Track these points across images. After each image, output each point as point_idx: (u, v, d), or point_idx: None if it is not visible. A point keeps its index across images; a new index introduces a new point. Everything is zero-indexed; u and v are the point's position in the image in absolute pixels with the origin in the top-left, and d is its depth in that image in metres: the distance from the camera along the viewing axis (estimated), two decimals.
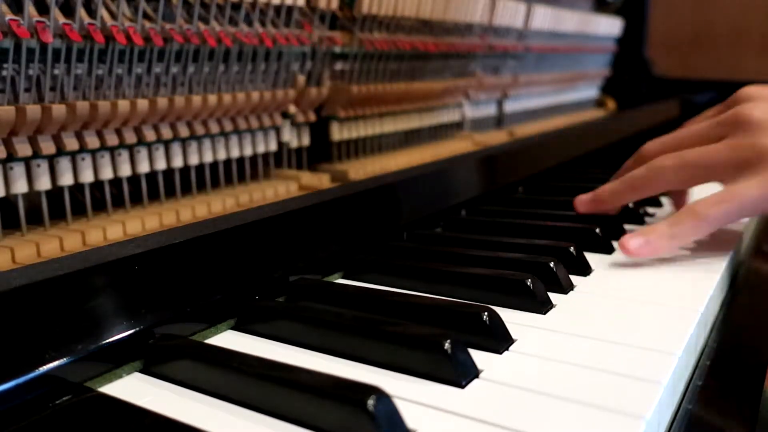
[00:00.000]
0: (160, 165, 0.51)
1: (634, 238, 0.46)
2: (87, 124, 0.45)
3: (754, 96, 0.51)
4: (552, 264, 0.44)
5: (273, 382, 0.29)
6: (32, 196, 0.44)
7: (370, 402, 0.26)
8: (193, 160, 0.54)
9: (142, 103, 0.47)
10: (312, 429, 0.28)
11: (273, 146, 0.61)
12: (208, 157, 0.55)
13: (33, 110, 0.41)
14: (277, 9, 0.56)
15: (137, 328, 0.34)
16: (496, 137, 0.92)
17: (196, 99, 0.51)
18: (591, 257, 0.50)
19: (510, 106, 1.03)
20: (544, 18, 1.03)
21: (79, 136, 0.45)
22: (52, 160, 0.44)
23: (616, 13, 1.45)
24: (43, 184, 0.44)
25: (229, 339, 0.38)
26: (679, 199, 0.61)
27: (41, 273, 0.32)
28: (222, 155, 0.56)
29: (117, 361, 0.33)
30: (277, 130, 0.61)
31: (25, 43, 0.41)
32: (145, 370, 0.34)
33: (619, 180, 0.54)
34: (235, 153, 0.57)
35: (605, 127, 1.17)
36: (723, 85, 1.53)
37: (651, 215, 0.65)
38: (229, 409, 0.30)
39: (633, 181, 0.52)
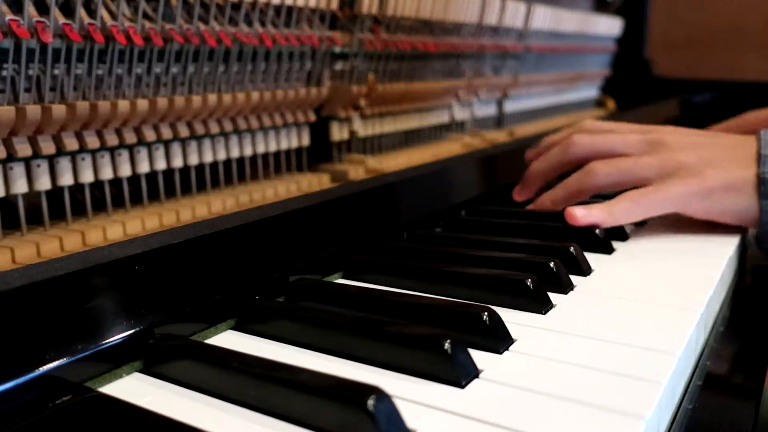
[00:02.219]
0: (160, 165, 0.51)
1: (580, 209, 0.55)
2: (87, 124, 0.45)
3: (669, 130, 0.61)
4: (552, 264, 0.44)
5: (273, 382, 0.29)
6: (32, 196, 0.44)
7: (370, 402, 0.26)
8: (193, 160, 0.54)
9: (142, 103, 0.47)
10: (312, 429, 0.28)
11: (273, 146, 0.61)
12: (208, 157, 0.55)
13: (33, 110, 0.41)
14: (277, 9, 0.56)
15: (137, 328, 0.34)
16: (496, 137, 0.92)
17: (196, 99, 0.51)
18: (591, 257, 0.50)
19: (510, 106, 1.03)
20: (544, 18, 1.03)
21: (79, 136, 0.45)
22: (52, 160, 0.44)
23: (616, 14, 1.45)
24: (43, 184, 0.44)
25: (229, 339, 0.38)
26: None
27: (41, 273, 0.32)
28: (222, 155, 0.56)
29: (117, 361, 0.33)
30: (281, 129, 0.61)
31: (25, 43, 0.41)
32: (145, 370, 0.34)
33: (559, 187, 0.61)
34: (235, 153, 0.57)
35: None
36: (723, 85, 1.53)
37: None
38: (229, 409, 0.30)
39: (570, 187, 0.60)
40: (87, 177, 0.46)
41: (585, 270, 0.48)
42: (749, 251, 0.60)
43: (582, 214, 0.55)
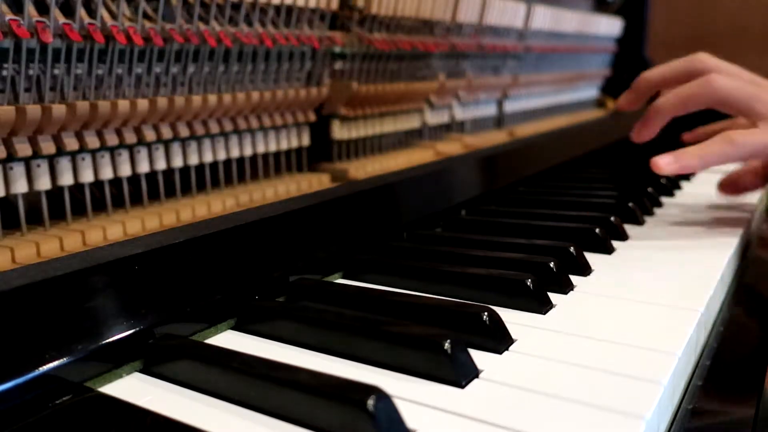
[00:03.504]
0: (160, 165, 0.51)
1: (664, 157, 0.53)
2: (87, 124, 0.45)
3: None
4: (552, 264, 0.44)
5: (273, 382, 0.29)
6: (32, 196, 0.44)
7: (370, 402, 0.26)
8: (193, 160, 0.54)
9: (142, 103, 0.47)
10: (312, 429, 0.28)
11: (273, 146, 0.61)
12: (208, 157, 0.55)
13: (33, 110, 0.41)
14: (277, 9, 0.56)
15: (137, 328, 0.34)
16: (496, 137, 0.92)
17: (196, 99, 0.50)
18: (591, 257, 0.50)
19: (510, 106, 1.03)
20: (544, 18, 1.03)
21: (79, 136, 0.45)
22: (52, 160, 0.44)
23: (616, 13, 1.45)
24: (43, 184, 0.44)
25: (229, 339, 0.38)
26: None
27: (41, 273, 0.32)
28: (222, 155, 0.56)
29: (117, 361, 0.33)
30: (280, 129, 0.61)
31: (25, 43, 0.41)
32: (145, 370, 0.34)
33: (671, 93, 0.60)
34: (235, 153, 0.57)
35: (605, 127, 1.18)
36: None
37: (652, 214, 0.66)
38: (229, 409, 0.30)
39: (682, 92, 0.58)
40: (87, 177, 0.46)
41: (585, 270, 0.48)
42: (750, 250, 0.60)
43: (668, 161, 0.53)
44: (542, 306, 0.40)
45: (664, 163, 0.53)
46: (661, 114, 0.61)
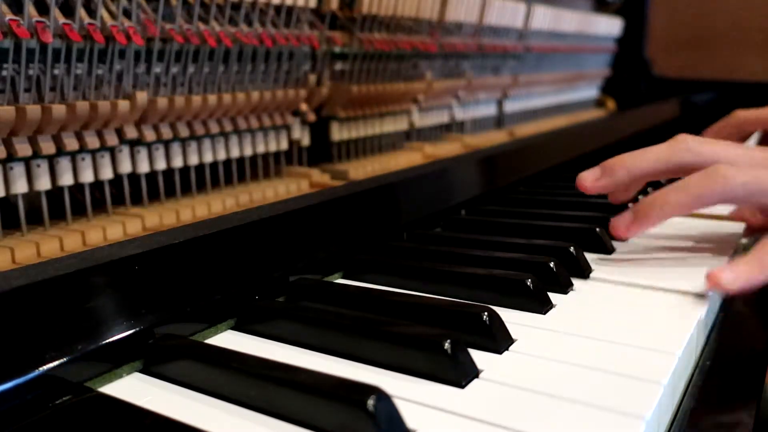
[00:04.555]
0: (160, 165, 0.51)
1: (726, 272, 0.42)
2: (87, 124, 0.45)
3: None
4: (552, 264, 0.44)
5: (273, 382, 0.29)
6: (32, 196, 0.44)
7: (370, 402, 0.26)
8: (193, 160, 0.54)
9: (142, 103, 0.47)
10: (312, 429, 0.28)
11: (273, 146, 0.61)
12: (208, 157, 0.55)
13: (33, 110, 0.41)
14: (277, 9, 0.56)
15: (137, 328, 0.34)
16: (496, 137, 0.92)
17: (196, 99, 0.51)
18: (591, 257, 0.50)
19: (510, 106, 1.03)
20: (544, 18, 1.03)
21: (79, 136, 0.45)
22: (52, 160, 0.44)
23: (616, 13, 1.45)
24: (43, 184, 0.44)
25: (229, 339, 0.38)
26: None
27: (41, 273, 0.32)
28: (222, 155, 0.56)
29: (117, 361, 0.33)
30: (280, 129, 0.61)
31: (25, 43, 0.41)
32: (145, 370, 0.34)
33: (671, 189, 0.48)
34: (235, 153, 0.57)
35: (605, 127, 1.18)
36: (723, 85, 1.53)
37: None
38: (229, 409, 0.30)
39: (688, 190, 0.47)
40: (87, 177, 0.46)
41: (585, 270, 0.48)
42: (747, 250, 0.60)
43: (729, 280, 0.42)
44: (542, 306, 0.40)
45: (728, 281, 0.42)
46: (663, 212, 0.48)
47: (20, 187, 0.43)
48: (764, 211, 0.52)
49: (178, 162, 0.53)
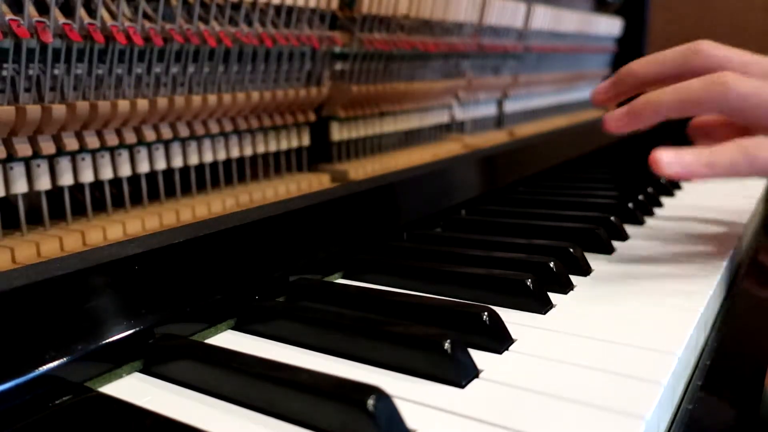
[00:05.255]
0: (160, 165, 0.51)
1: (667, 153, 0.41)
2: (87, 124, 0.45)
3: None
4: (552, 264, 0.44)
5: (273, 382, 0.29)
6: (32, 196, 0.44)
7: (370, 402, 0.26)
8: (193, 160, 0.54)
9: (142, 103, 0.47)
10: (312, 429, 0.28)
11: (273, 146, 0.61)
12: (208, 157, 0.55)
13: (33, 110, 0.41)
14: (277, 9, 0.56)
15: (137, 328, 0.34)
16: (496, 137, 0.92)
17: (196, 99, 0.51)
18: (591, 257, 0.50)
19: (510, 106, 1.03)
20: (544, 18, 1.03)
21: (79, 136, 0.45)
22: (52, 160, 0.44)
23: (616, 13, 1.45)
24: (43, 184, 0.44)
25: (229, 339, 0.38)
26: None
27: (41, 273, 0.32)
28: (222, 155, 0.56)
29: (117, 361, 0.33)
30: (280, 129, 0.61)
31: (25, 43, 0.41)
32: (145, 370, 0.34)
33: (671, 89, 0.46)
34: (235, 153, 0.57)
35: None
36: None
37: (652, 214, 0.66)
38: (229, 409, 0.30)
39: (686, 93, 0.45)
40: (87, 177, 0.46)
41: (585, 270, 0.48)
42: (746, 250, 0.60)
43: (669, 161, 0.41)
44: (542, 306, 0.40)
45: (665, 163, 0.42)
46: (656, 111, 0.47)
47: (20, 187, 0.43)
48: (751, 125, 0.46)
49: (178, 162, 0.53)
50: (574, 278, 0.46)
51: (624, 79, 0.52)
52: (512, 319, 0.38)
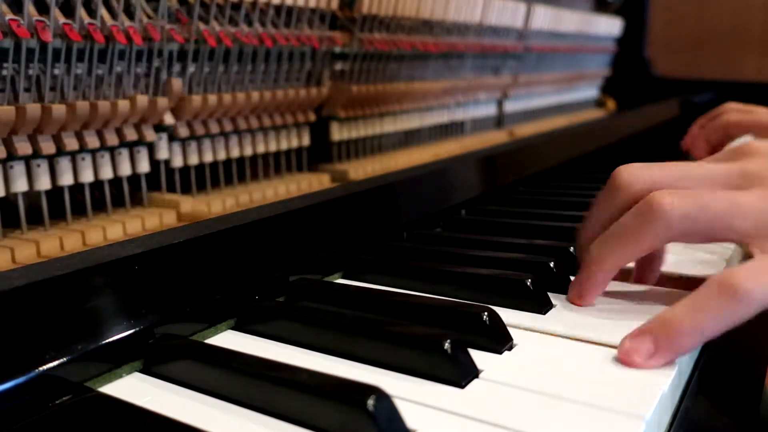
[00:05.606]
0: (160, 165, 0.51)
1: (629, 340, 0.33)
2: (87, 124, 0.45)
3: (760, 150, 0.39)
4: (552, 264, 0.44)
5: (273, 382, 0.29)
6: (32, 196, 0.44)
7: (370, 402, 0.26)
8: (193, 160, 0.54)
9: (142, 103, 0.47)
10: (312, 429, 0.28)
11: (273, 146, 0.61)
12: (209, 157, 0.55)
13: (33, 110, 0.41)
14: (277, 9, 0.56)
15: (137, 328, 0.34)
16: (496, 137, 0.92)
17: (196, 99, 0.51)
18: None
19: (510, 106, 1.03)
20: (544, 18, 1.03)
21: (79, 136, 0.45)
22: (52, 159, 0.44)
23: (616, 13, 1.45)
24: (43, 183, 0.44)
25: (229, 339, 0.38)
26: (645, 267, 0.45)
27: (41, 273, 0.32)
28: (222, 155, 0.56)
29: (117, 361, 0.33)
30: (281, 129, 0.61)
31: (25, 43, 0.41)
32: (145, 370, 0.34)
33: (604, 237, 0.40)
34: (235, 153, 0.57)
35: (605, 127, 1.18)
36: (723, 85, 1.53)
37: None
38: (229, 409, 0.30)
39: (622, 235, 0.38)
40: (87, 177, 0.46)
41: None
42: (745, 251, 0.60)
43: (631, 349, 0.33)
44: (542, 306, 0.40)
45: (642, 359, 0.32)
46: (607, 275, 0.40)
47: (20, 186, 0.43)
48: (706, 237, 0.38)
49: (178, 162, 0.53)
50: (574, 278, 0.46)
51: (580, 251, 0.43)
52: (512, 319, 0.38)
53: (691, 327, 0.32)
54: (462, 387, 0.31)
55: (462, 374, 0.31)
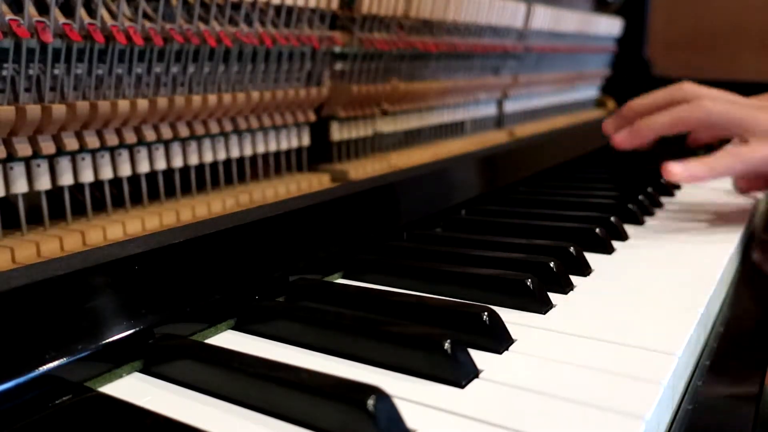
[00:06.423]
0: (160, 165, 0.51)
1: (676, 165, 0.56)
2: (87, 124, 0.45)
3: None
4: (552, 264, 0.44)
5: (273, 382, 0.30)
6: (32, 196, 0.44)
7: (370, 402, 0.26)
8: (193, 160, 0.54)
9: (142, 103, 0.47)
10: (312, 429, 0.28)
11: (273, 146, 0.61)
12: (209, 157, 0.55)
13: (33, 110, 0.41)
14: (277, 9, 0.56)
15: (137, 328, 0.34)
16: (496, 137, 0.92)
17: (196, 99, 0.50)
18: (591, 257, 0.50)
19: (510, 106, 1.03)
20: (544, 18, 1.03)
21: (79, 136, 0.45)
22: (52, 160, 0.44)
23: (616, 13, 1.45)
24: (43, 184, 0.44)
25: (229, 339, 0.38)
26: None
27: (41, 273, 0.32)
28: (222, 155, 0.56)
29: (117, 361, 0.33)
30: (281, 129, 0.61)
31: (25, 43, 0.41)
32: (145, 370, 0.34)
33: (663, 113, 0.62)
34: (235, 153, 0.57)
35: None
36: (723, 85, 1.53)
37: (652, 214, 0.66)
38: (229, 409, 0.30)
39: (674, 113, 0.61)
40: (87, 177, 0.46)
41: (585, 270, 0.48)
42: (751, 249, 0.60)
43: (680, 170, 0.56)
44: (542, 306, 0.40)
45: (677, 171, 0.56)
46: (652, 130, 0.63)
47: (20, 186, 0.43)
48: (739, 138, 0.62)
49: (178, 162, 0.53)
50: (574, 278, 0.46)
51: (627, 114, 0.68)
52: (512, 319, 0.38)
53: (709, 166, 0.57)
54: (462, 387, 0.31)
55: (462, 374, 0.31)
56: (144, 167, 0.50)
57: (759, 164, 0.58)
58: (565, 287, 0.44)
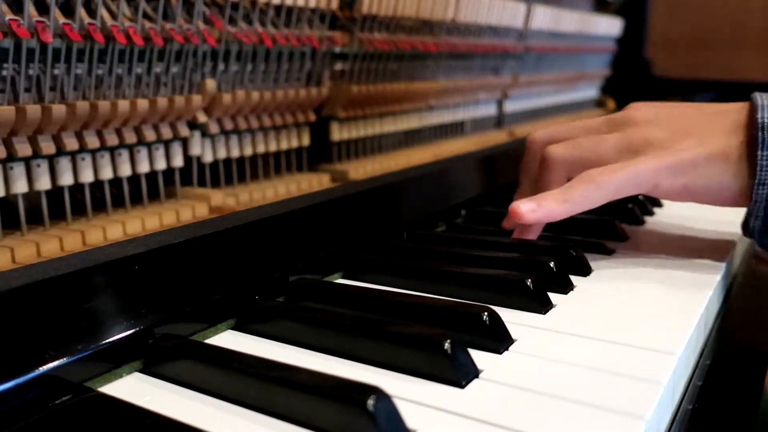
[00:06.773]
0: (160, 165, 0.51)
1: (526, 203, 0.47)
2: (87, 124, 0.45)
3: (639, 105, 0.55)
4: (552, 264, 0.44)
5: (273, 382, 0.30)
6: (32, 196, 0.44)
7: (370, 402, 0.26)
8: (193, 160, 0.54)
9: (142, 103, 0.47)
10: (312, 429, 0.28)
11: (273, 146, 0.61)
12: (209, 157, 0.55)
13: (33, 110, 0.41)
14: (277, 9, 0.56)
15: (137, 328, 0.34)
16: (496, 137, 0.92)
17: (196, 99, 0.50)
18: (591, 257, 0.50)
19: (510, 106, 1.03)
20: (544, 18, 1.03)
21: (79, 136, 0.45)
22: (52, 160, 0.44)
23: (616, 13, 1.45)
24: (43, 184, 0.44)
25: (229, 339, 0.38)
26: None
27: (41, 273, 0.32)
28: (222, 155, 0.56)
29: (117, 361, 0.33)
30: (281, 129, 0.61)
31: (25, 43, 0.41)
32: (145, 370, 0.34)
33: (520, 188, 0.56)
34: (235, 153, 0.57)
35: None
36: (723, 85, 1.53)
37: (651, 214, 0.66)
38: (229, 409, 0.30)
39: (531, 182, 0.54)
40: (87, 177, 0.46)
41: (585, 270, 0.48)
42: (745, 252, 0.60)
43: (528, 209, 0.46)
44: (542, 306, 0.40)
45: (526, 210, 0.46)
46: (532, 225, 0.52)
47: (20, 186, 0.43)
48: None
49: (178, 162, 0.53)
50: (574, 278, 0.46)
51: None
52: (512, 319, 0.38)
53: (562, 199, 0.47)
54: (462, 387, 0.31)
55: (462, 374, 0.31)
56: (144, 167, 0.50)
57: (620, 188, 0.47)
58: (566, 287, 0.44)
